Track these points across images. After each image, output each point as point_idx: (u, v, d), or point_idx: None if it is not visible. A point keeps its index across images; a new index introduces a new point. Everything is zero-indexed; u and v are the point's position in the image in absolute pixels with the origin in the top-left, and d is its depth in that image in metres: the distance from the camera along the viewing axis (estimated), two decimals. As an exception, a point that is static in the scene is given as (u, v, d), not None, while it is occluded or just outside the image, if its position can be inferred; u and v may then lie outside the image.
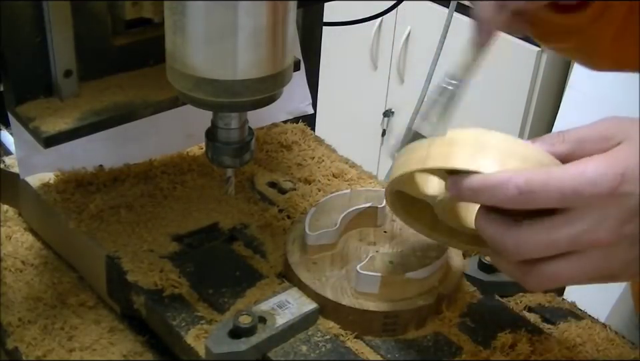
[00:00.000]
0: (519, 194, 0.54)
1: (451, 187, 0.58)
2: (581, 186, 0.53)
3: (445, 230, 0.68)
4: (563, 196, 0.54)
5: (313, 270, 0.72)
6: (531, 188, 0.54)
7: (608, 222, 0.54)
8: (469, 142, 0.57)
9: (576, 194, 0.54)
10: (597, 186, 0.53)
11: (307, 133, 0.97)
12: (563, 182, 0.54)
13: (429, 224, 0.69)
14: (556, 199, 0.54)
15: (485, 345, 0.69)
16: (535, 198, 0.54)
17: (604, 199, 0.53)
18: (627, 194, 0.53)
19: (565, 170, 0.55)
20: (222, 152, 0.70)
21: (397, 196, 0.66)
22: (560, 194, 0.54)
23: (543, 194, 0.54)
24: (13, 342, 0.71)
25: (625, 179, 0.53)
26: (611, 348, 0.71)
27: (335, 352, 0.67)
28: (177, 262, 0.75)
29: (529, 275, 0.58)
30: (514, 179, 0.55)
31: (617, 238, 0.54)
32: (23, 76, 0.69)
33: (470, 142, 0.57)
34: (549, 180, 0.54)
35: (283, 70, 0.65)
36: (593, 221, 0.54)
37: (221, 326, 0.66)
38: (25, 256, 0.81)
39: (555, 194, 0.54)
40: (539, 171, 0.55)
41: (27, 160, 0.80)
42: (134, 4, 0.69)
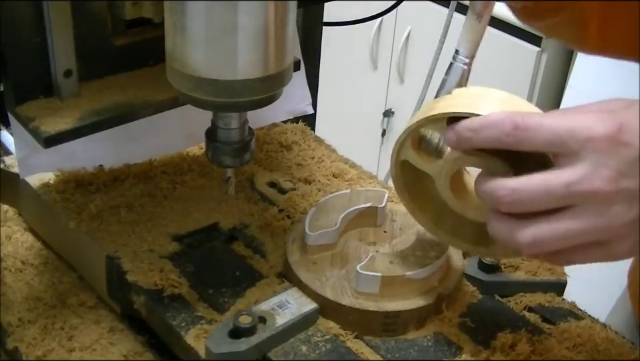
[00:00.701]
0: (514, 129, 0.54)
1: (450, 134, 0.59)
2: (576, 128, 0.53)
3: (449, 226, 0.69)
4: (558, 136, 0.53)
5: (312, 270, 0.72)
6: (526, 125, 0.54)
7: (604, 170, 0.52)
8: (471, 94, 0.61)
9: (570, 135, 0.53)
10: (592, 130, 0.52)
11: (306, 133, 0.97)
12: (557, 123, 0.54)
13: (433, 218, 0.70)
14: (550, 139, 0.54)
15: (485, 345, 0.69)
16: (529, 136, 0.54)
17: (600, 143, 0.52)
18: (624, 142, 0.52)
19: (563, 114, 0.54)
20: (222, 152, 0.70)
21: (402, 174, 0.68)
22: (554, 134, 0.53)
23: (538, 132, 0.54)
24: (13, 342, 0.71)
25: (623, 128, 0.52)
26: (611, 348, 0.71)
27: (335, 352, 0.67)
28: (176, 262, 0.75)
29: (524, 231, 0.56)
30: (511, 116, 0.55)
31: (614, 189, 0.53)
32: (23, 76, 0.69)
33: (472, 93, 0.61)
34: (544, 119, 0.54)
35: (282, 70, 0.65)
36: (588, 168, 0.53)
37: (220, 326, 0.66)
38: (25, 256, 0.81)
39: (549, 133, 0.54)
40: (537, 113, 0.56)
41: (27, 160, 0.80)
42: (134, 4, 0.69)
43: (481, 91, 0.61)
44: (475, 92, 0.61)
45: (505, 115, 0.56)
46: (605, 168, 0.52)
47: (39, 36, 0.68)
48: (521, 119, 0.55)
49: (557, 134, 0.54)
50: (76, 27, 0.70)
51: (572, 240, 0.56)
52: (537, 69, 2.05)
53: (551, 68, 2.06)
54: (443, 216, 0.69)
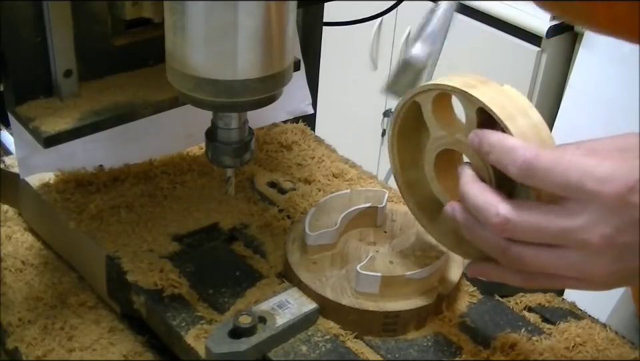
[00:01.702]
0: (523, 164, 0.54)
1: (473, 136, 0.58)
2: (588, 180, 0.52)
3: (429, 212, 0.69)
4: (567, 182, 0.52)
5: (312, 270, 0.72)
6: (537, 164, 0.53)
7: (604, 226, 0.52)
8: (515, 102, 0.59)
9: (580, 186, 0.52)
10: (603, 185, 0.51)
11: (307, 133, 0.97)
12: (570, 169, 0.52)
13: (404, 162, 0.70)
14: (558, 183, 0.53)
15: (485, 345, 0.69)
16: (538, 175, 0.53)
17: (607, 201, 0.52)
18: (633, 204, 0.51)
19: (578, 159, 0.53)
20: (222, 152, 0.70)
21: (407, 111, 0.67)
22: (564, 179, 0.52)
23: (548, 173, 0.53)
24: (13, 342, 0.71)
25: (635, 188, 0.51)
26: (611, 348, 0.71)
27: (335, 352, 0.67)
28: (176, 262, 0.75)
29: (507, 252, 0.56)
30: (524, 150, 0.54)
31: (607, 245, 0.53)
32: (23, 76, 0.69)
33: (517, 104, 0.59)
34: (558, 161, 0.53)
35: (282, 70, 0.65)
36: (589, 220, 0.52)
37: (220, 326, 0.66)
38: (25, 256, 0.81)
39: (559, 178, 0.53)
40: (553, 152, 0.54)
41: (27, 160, 0.80)
42: (134, 4, 0.69)
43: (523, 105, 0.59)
44: (518, 101, 0.59)
45: (520, 146, 0.55)
46: (605, 225, 0.52)
47: (39, 36, 0.68)
48: (535, 157, 0.54)
49: (567, 182, 0.53)
50: (76, 27, 0.70)
51: (552, 270, 0.56)
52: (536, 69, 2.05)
53: (551, 68, 2.06)
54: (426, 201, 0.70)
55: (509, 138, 0.56)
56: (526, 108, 0.59)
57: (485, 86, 0.60)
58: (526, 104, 0.59)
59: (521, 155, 0.54)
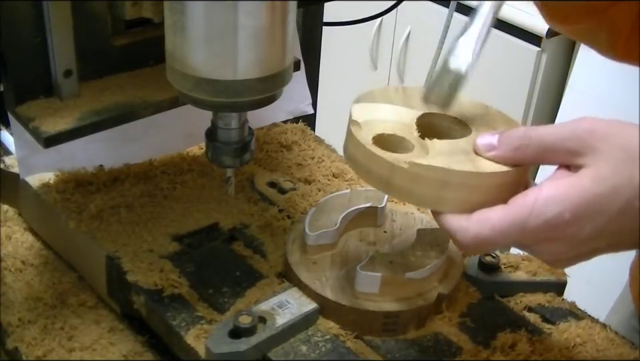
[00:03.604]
0: (466, 248, 0.57)
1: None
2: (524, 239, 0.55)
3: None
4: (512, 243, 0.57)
5: (313, 270, 0.72)
6: (476, 245, 0.56)
7: (550, 253, 0.56)
8: (431, 182, 0.57)
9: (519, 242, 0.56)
10: (539, 235, 0.55)
11: (307, 133, 0.97)
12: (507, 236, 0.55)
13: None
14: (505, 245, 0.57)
15: (485, 345, 0.69)
16: (486, 248, 0.58)
17: (550, 240, 0.55)
18: (571, 235, 0.54)
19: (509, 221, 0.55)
20: (222, 152, 0.70)
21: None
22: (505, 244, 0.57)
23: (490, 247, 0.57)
24: (13, 342, 0.71)
25: (569, 223, 0.54)
26: (611, 348, 0.71)
27: (335, 352, 0.67)
28: (176, 262, 0.75)
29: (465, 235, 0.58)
30: (460, 236, 0.57)
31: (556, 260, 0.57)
32: (23, 76, 0.69)
33: (433, 182, 0.57)
34: (494, 237, 0.55)
35: (282, 70, 0.65)
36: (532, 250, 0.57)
37: (221, 326, 0.66)
38: (24, 256, 0.81)
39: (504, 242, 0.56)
40: (485, 225, 0.56)
41: (27, 160, 0.80)
42: (134, 4, 0.69)
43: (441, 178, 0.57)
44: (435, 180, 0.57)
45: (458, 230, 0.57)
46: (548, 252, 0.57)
47: (39, 36, 0.68)
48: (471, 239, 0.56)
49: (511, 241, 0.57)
50: (76, 27, 0.70)
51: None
52: (536, 69, 2.05)
53: (551, 68, 2.06)
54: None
55: (445, 222, 0.58)
56: (444, 179, 0.57)
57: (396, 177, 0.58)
58: (443, 175, 0.57)
59: (459, 241, 0.57)
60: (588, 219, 0.53)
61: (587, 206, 0.53)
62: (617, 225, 0.53)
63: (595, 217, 0.53)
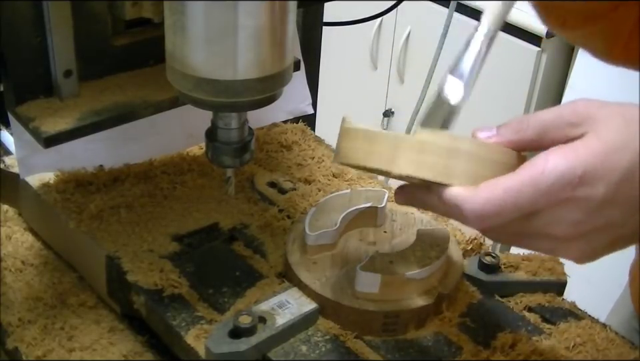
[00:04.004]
0: (475, 219, 0.55)
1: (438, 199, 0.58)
2: (537, 197, 0.54)
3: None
4: (521, 209, 0.54)
5: (312, 270, 0.72)
6: (487, 211, 0.54)
7: (563, 222, 0.54)
8: (440, 149, 0.56)
9: (533, 206, 0.54)
10: (552, 194, 0.53)
11: (306, 133, 0.97)
12: (519, 197, 0.54)
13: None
14: (514, 214, 0.55)
15: (485, 345, 0.69)
16: (494, 218, 0.55)
17: (562, 203, 0.53)
18: (585, 197, 0.53)
19: (521, 180, 0.54)
20: (222, 152, 0.70)
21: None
22: (517, 209, 0.54)
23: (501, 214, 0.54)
24: (13, 342, 0.71)
25: (583, 181, 0.53)
26: (611, 348, 0.71)
27: (335, 352, 0.67)
28: (176, 262, 0.75)
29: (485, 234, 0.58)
30: (469, 204, 0.55)
31: (570, 235, 0.55)
32: (23, 76, 0.69)
33: (441, 149, 0.56)
34: (506, 198, 0.54)
35: (282, 70, 0.65)
36: (547, 220, 0.54)
37: (221, 326, 0.66)
38: (25, 256, 0.81)
39: (513, 210, 0.54)
40: (495, 187, 0.54)
41: (27, 160, 0.80)
42: (134, 4, 0.69)
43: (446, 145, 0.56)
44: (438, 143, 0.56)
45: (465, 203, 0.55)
46: (564, 220, 0.54)
47: (39, 36, 0.68)
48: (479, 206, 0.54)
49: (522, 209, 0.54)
50: (76, 27, 0.70)
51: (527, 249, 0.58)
52: (536, 69, 2.05)
53: (551, 68, 2.06)
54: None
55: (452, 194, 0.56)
56: (452, 147, 0.56)
57: (402, 150, 0.57)
58: (450, 142, 0.56)
59: (469, 210, 0.55)
60: (600, 176, 0.53)
61: (597, 162, 0.53)
62: (629, 185, 0.53)
63: (607, 173, 0.53)
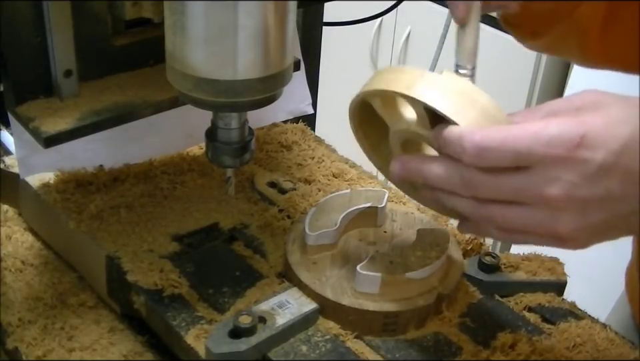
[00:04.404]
0: (473, 149, 0.55)
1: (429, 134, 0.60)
2: (537, 146, 0.53)
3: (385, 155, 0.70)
4: (518, 154, 0.54)
5: (312, 270, 0.72)
6: (486, 145, 0.54)
7: (559, 182, 0.54)
8: (460, 92, 0.58)
9: (530, 154, 0.54)
10: (552, 147, 0.53)
11: (306, 133, 0.97)
12: (519, 141, 0.54)
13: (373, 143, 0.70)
14: (511, 158, 0.54)
15: (485, 345, 0.69)
16: (491, 155, 0.55)
17: (559, 160, 0.53)
18: (583, 159, 0.53)
19: (524, 128, 0.54)
20: (222, 152, 0.70)
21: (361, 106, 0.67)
22: (515, 153, 0.54)
23: (499, 151, 0.54)
24: (13, 342, 0.71)
25: (584, 143, 0.52)
26: (611, 348, 0.71)
27: (335, 352, 0.67)
28: (176, 262, 0.75)
29: (478, 211, 0.58)
30: (471, 135, 0.55)
31: (565, 199, 0.54)
32: (23, 76, 0.69)
33: (461, 92, 0.58)
34: (506, 136, 0.54)
35: (282, 70, 0.65)
36: (543, 178, 0.54)
37: (220, 326, 0.66)
38: (24, 256, 0.81)
39: (510, 153, 0.54)
40: (499, 129, 0.55)
41: (27, 160, 0.80)
42: (134, 4, 0.69)
43: (468, 91, 0.59)
44: (462, 89, 0.59)
45: (467, 134, 0.56)
46: (559, 180, 0.54)
47: (39, 36, 0.68)
48: (482, 139, 0.55)
49: (518, 154, 0.54)
50: (76, 27, 0.70)
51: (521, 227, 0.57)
52: (536, 69, 2.05)
53: (551, 68, 2.06)
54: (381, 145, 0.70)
55: (456, 129, 0.57)
56: (471, 93, 0.59)
57: (424, 80, 0.59)
58: (471, 89, 0.59)
59: (469, 141, 0.55)
60: (601, 141, 0.53)
61: (599, 128, 0.53)
62: (629, 156, 0.53)
63: (608, 140, 0.53)
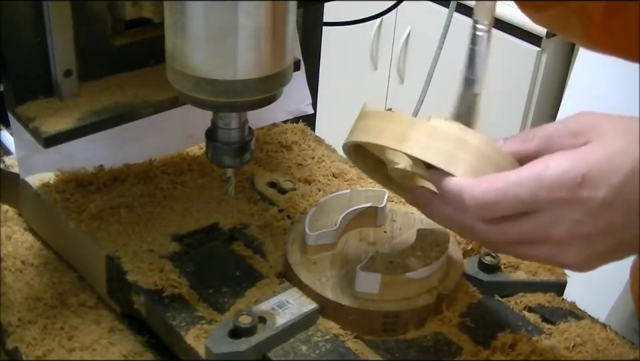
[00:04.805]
0: (475, 206, 0.55)
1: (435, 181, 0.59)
2: (539, 192, 0.54)
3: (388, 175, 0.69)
4: (521, 203, 0.54)
5: (312, 270, 0.72)
6: (488, 200, 0.55)
7: (563, 222, 0.54)
8: (450, 138, 0.58)
9: (533, 201, 0.54)
10: (554, 191, 0.53)
11: (306, 133, 0.97)
12: (520, 189, 0.54)
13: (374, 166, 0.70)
14: (514, 207, 0.55)
15: (485, 345, 0.69)
16: (494, 208, 0.55)
17: (562, 202, 0.54)
18: (586, 198, 0.53)
19: (523, 174, 0.54)
20: (222, 152, 0.70)
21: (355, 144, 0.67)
22: (518, 201, 0.54)
23: (502, 203, 0.54)
24: (13, 342, 0.71)
25: (585, 181, 0.53)
26: (611, 348, 0.71)
27: (335, 352, 0.67)
28: (176, 262, 0.75)
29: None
30: (470, 190, 0.55)
31: (569, 237, 0.55)
32: (23, 76, 0.69)
33: (451, 138, 0.58)
34: (507, 188, 0.54)
35: (282, 70, 0.65)
36: (547, 220, 0.54)
37: (220, 326, 0.66)
38: (24, 256, 0.81)
39: (513, 202, 0.54)
40: (498, 178, 0.55)
41: (27, 160, 0.80)
42: (134, 4, 0.69)
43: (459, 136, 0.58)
44: (452, 135, 0.58)
45: (466, 189, 0.55)
46: (564, 220, 0.54)
47: (39, 36, 0.68)
48: (482, 194, 0.55)
49: (523, 202, 0.54)
50: (76, 27, 0.70)
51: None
52: (537, 69, 2.05)
53: (551, 68, 2.06)
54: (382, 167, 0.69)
55: (454, 181, 0.57)
56: (462, 137, 0.57)
57: (413, 131, 0.58)
58: (460, 133, 0.58)
59: (469, 196, 0.55)
60: (602, 178, 0.53)
61: (599, 164, 0.53)
62: (630, 189, 0.53)
63: (609, 175, 0.53)
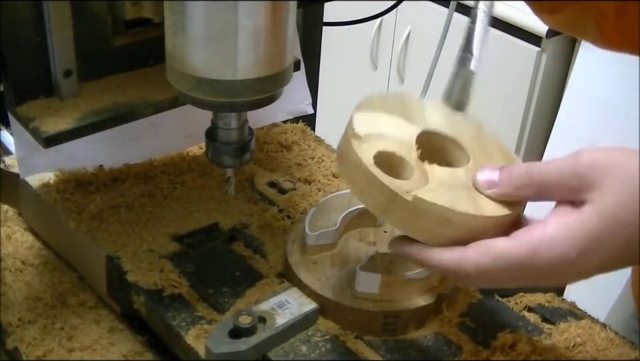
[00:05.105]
0: (478, 277, 0.56)
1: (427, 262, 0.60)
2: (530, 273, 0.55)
3: None
4: (513, 275, 0.56)
5: (312, 270, 0.72)
6: (481, 273, 0.56)
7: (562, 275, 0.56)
8: (432, 218, 0.57)
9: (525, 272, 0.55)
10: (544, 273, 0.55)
11: (306, 133, 0.97)
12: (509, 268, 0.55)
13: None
14: (506, 278, 0.56)
15: (485, 345, 0.69)
16: (493, 276, 0.56)
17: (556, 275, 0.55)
18: (577, 272, 0.55)
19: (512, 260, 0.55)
20: (222, 152, 0.70)
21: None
22: (510, 274, 0.55)
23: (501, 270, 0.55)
24: (12, 342, 0.71)
25: (576, 263, 0.54)
26: (611, 348, 0.71)
27: (335, 352, 0.67)
28: (176, 262, 0.75)
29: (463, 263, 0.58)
30: (464, 265, 0.56)
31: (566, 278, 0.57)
32: (23, 76, 0.69)
33: (432, 215, 0.57)
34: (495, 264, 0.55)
35: (282, 70, 0.65)
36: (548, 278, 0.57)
37: (220, 326, 0.66)
38: (24, 256, 0.81)
39: (505, 274, 0.55)
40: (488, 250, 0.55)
41: (27, 160, 0.80)
42: (134, 4, 0.69)
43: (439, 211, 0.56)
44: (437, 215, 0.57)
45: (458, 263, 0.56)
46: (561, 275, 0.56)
47: (39, 36, 0.68)
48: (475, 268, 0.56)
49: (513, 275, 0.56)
50: (76, 27, 0.70)
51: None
52: (536, 69, 2.05)
53: (551, 68, 2.06)
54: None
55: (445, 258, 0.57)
56: (445, 217, 0.57)
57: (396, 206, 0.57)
58: (442, 212, 0.57)
59: (462, 275, 0.57)
60: (594, 255, 0.53)
61: (593, 243, 0.53)
62: (623, 258, 0.54)
63: (602, 253, 0.53)
